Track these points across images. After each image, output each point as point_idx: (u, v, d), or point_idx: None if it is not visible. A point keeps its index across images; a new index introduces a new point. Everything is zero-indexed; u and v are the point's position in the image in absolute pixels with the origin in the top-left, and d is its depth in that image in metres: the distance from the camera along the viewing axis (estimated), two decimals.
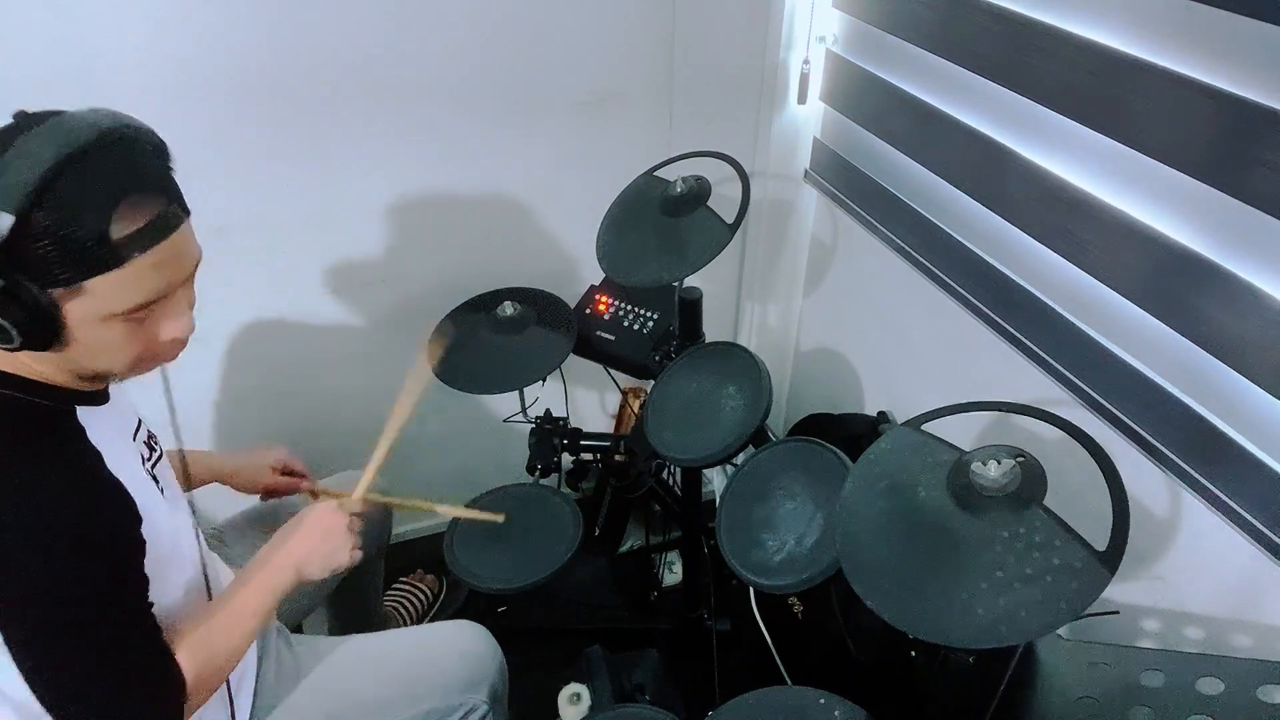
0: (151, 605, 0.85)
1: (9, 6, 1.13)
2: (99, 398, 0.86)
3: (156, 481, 0.91)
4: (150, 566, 0.84)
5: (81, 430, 0.81)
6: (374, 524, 1.44)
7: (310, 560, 1.00)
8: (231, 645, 0.92)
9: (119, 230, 0.72)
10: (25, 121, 0.72)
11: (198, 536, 0.97)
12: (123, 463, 0.83)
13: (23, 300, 0.71)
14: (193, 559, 0.99)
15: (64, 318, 0.74)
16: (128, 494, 0.81)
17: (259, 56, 1.27)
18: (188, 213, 0.79)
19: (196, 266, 0.82)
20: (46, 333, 0.74)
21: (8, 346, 0.73)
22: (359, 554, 1.05)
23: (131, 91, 1.22)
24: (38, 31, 1.15)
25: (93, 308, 0.74)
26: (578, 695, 1.29)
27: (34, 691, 0.76)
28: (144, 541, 0.83)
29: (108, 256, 0.72)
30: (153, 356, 0.83)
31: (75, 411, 0.82)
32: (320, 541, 1.01)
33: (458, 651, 1.18)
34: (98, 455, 0.81)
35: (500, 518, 1.26)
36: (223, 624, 0.92)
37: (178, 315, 0.82)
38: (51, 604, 0.75)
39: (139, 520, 0.82)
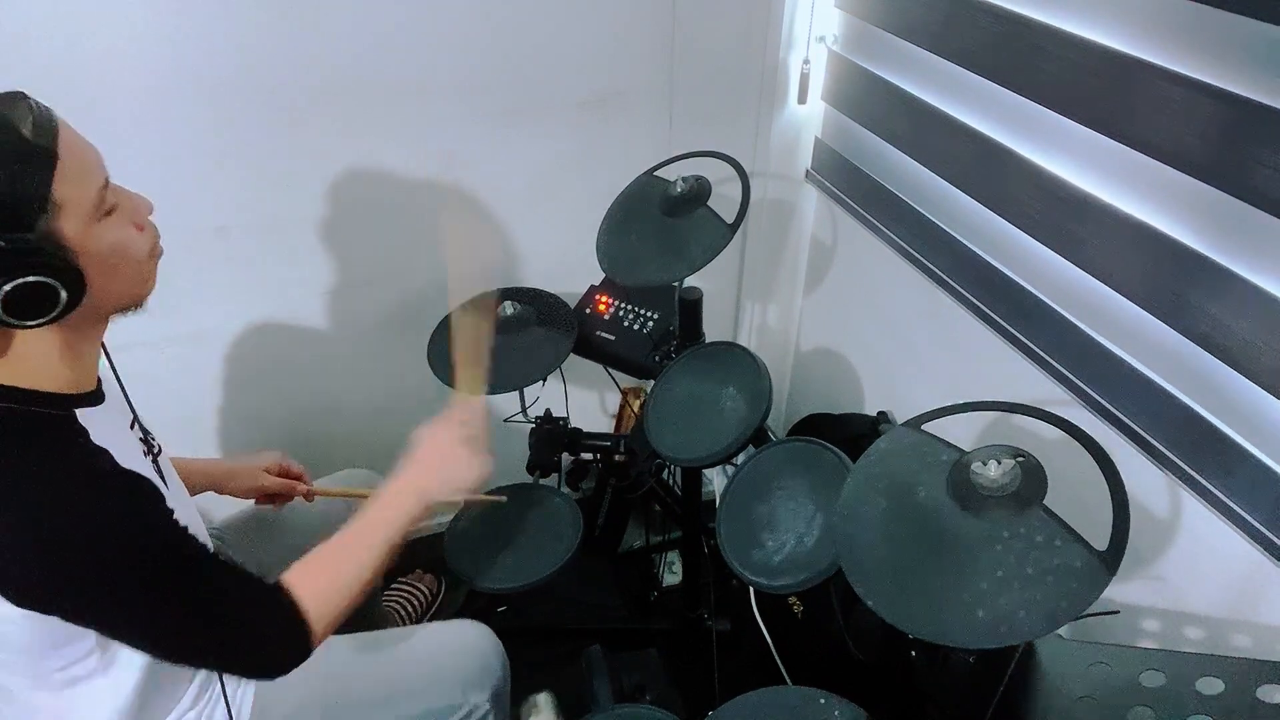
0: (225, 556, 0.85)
1: (5, 7, 1.13)
2: (95, 398, 0.86)
3: (161, 475, 0.91)
4: None
5: (84, 432, 0.81)
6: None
7: (431, 483, 0.99)
8: (352, 572, 0.92)
9: (26, 128, 0.71)
10: None
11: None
12: (130, 458, 0.83)
13: (31, 251, 0.70)
14: None
15: (67, 242, 0.73)
16: (146, 479, 0.81)
17: (259, 57, 1.27)
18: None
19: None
20: (72, 272, 0.73)
21: (58, 310, 0.72)
22: (490, 461, 1.03)
23: (132, 92, 1.22)
24: (34, 32, 1.15)
25: (76, 218, 0.74)
26: (536, 705, 1.29)
27: (169, 661, 0.79)
28: (172, 512, 0.83)
29: (42, 155, 0.71)
30: (151, 246, 0.84)
31: (75, 415, 0.82)
32: (439, 463, 1.01)
33: (461, 650, 1.18)
34: (107, 453, 0.81)
35: (503, 499, 1.26)
36: (340, 551, 0.92)
37: (126, 192, 0.82)
38: (133, 587, 0.76)
39: (163, 496, 0.83)
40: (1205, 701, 0.78)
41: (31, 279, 0.70)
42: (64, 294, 0.72)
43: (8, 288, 0.69)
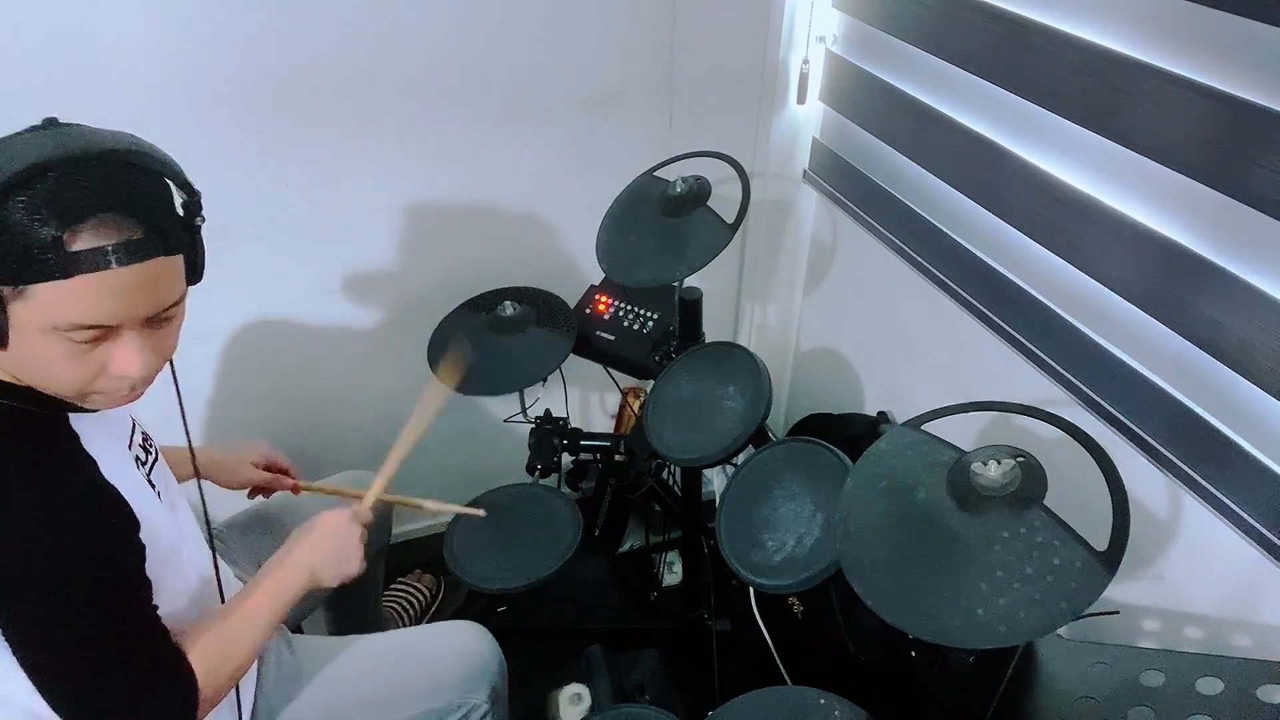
0: (157, 609, 0.84)
1: (11, 9, 1.13)
2: None
3: (153, 486, 0.91)
4: (149, 571, 0.84)
5: (75, 437, 0.81)
6: (375, 525, 1.44)
7: (324, 567, 1.00)
8: (244, 648, 0.92)
9: (78, 242, 0.68)
10: (45, 126, 0.72)
11: (182, 537, 0.96)
12: (118, 469, 0.83)
13: None
14: (195, 563, 0.99)
15: (6, 318, 0.71)
16: (124, 500, 0.80)
17: (261, 57, 1.27)
18: (174, 254, 0.75)
19: (167, 311, 0.77)
20: None
21: None
22: (364, 565, 1.05)
23: (135, 93, 1.22)
24: (41, 34, 1.15)
25: (34, 315, 0.71)
26: (579, 695, 1.29)
27: (44, 697, 0.76)
28: (143, 546, 0.82)
29: (55, 264, 0.68)
30: (99, 391, 0.78)
31: (68, 419, 0.81)
32: (335, 548, 1.02)
33: (458, 651, 1.18)
34: (93, 462, 0.80)
35: (481, 512, 1.26)
36: (235, 626, 0.92)
37: (129, 352, 0.76)
38: (54, 610, 0.75)
39: (137, 525, 0.81)
40: (1205, 701, 0.78)
41: None
42: None
43: None
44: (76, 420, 0.82)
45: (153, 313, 0.76)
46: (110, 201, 0.70)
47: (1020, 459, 0.77)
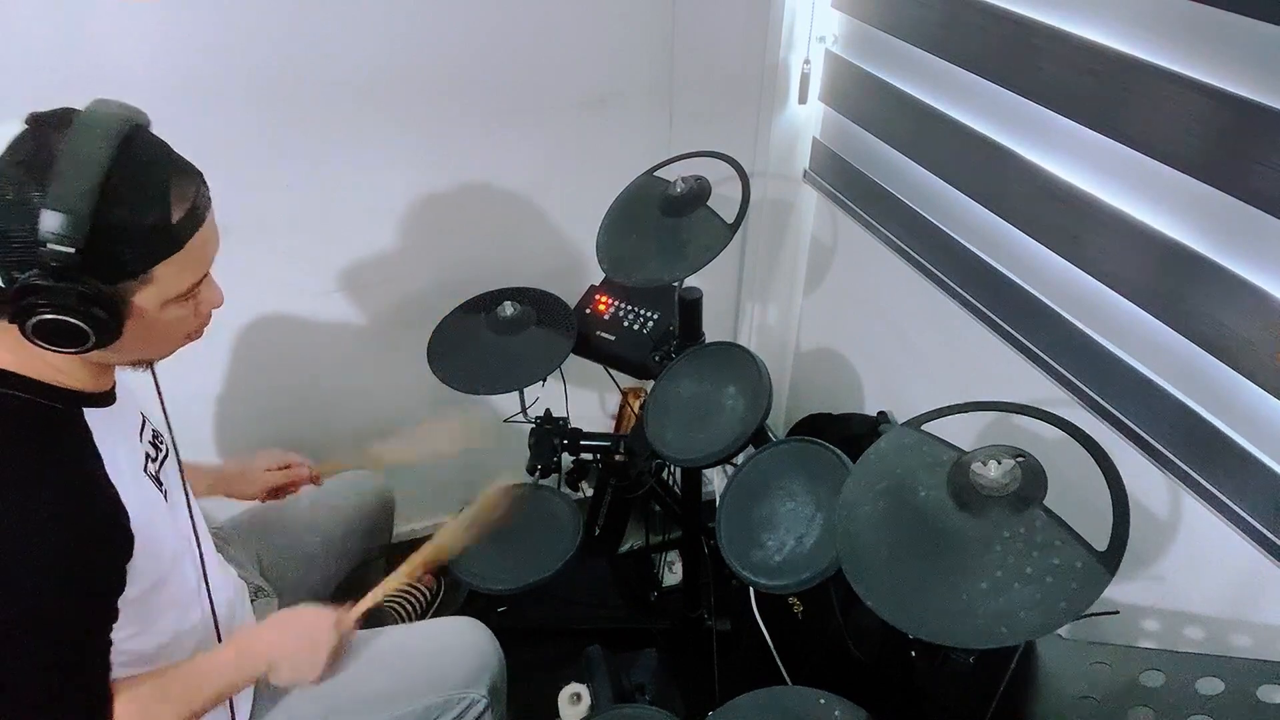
0: (110, 644, 0.82)
1: (14, 12, 1.13)
2: (105, 399, 0.85)
3: (159, 484, 0.91)
4: (149, 575, 0.83)
5: (87, 432, 0.81)
6: (374, 523, 1.44)
7: (282, 663, 0.98)
8: (180, 711, 0.89)
9: (176, 211, 0.74)
10: (45, 123, 0.72)
11: (186, 539, 0.95)
12: (124, 467, 0.83)
13: (96, 300, 0.71)
14: (197, 565, 0.99)
15: (129, 310, 0.75)
16: (123, 511, 0.79)
17: (262, 58, 1.27)
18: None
19: None
20: (114, 329, 0.74)
21: (78, 349, 0.73)
22: (321, 679, 1.02)
23: (136, 93, 1.22)
24: (42, 35, 1.15)
25: (156, 295, 0.76)
26: (578, 695, 1.29)
27: None
28: (124, 578, 0.80)
29: (171, 242, 0.74)
30: (194, 332, 0.86)
31: (83, 414, 0.81)
32: (301, 653, 1.00)
33: (457, 647, 1.18)
34: (99, 460, 0.80)
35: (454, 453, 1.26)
36: (177, 687, 0.89)
37: (214, 286, 0.85)
38: (5, 618, 0.74)
39: (130, 542, 0.80)
40: (1205, 701, 0.78)
41: (73, 320, 0.71)
42: (91, 342, 0.73)
43: (48, 317, 0.70)
44: (91, 415, 0.82)
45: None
46: (170, 166, 0.76)
47: (1020, 459, 0.77)
